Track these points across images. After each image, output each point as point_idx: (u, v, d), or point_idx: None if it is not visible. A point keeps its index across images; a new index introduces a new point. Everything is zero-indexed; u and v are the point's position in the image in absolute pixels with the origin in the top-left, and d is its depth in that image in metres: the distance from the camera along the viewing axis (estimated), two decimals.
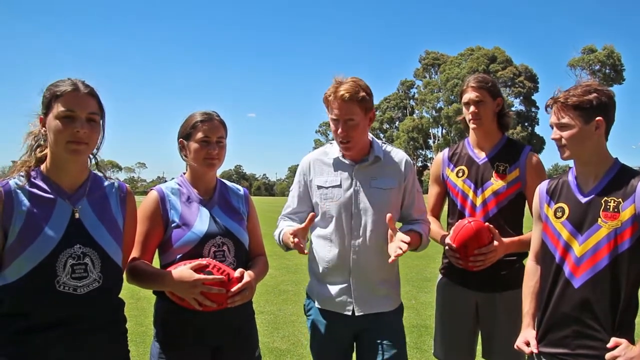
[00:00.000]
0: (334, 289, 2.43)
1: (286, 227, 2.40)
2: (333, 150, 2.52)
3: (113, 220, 1.90)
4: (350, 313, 2.41)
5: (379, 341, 2.38)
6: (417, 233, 2.42)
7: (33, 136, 1.84)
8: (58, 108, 1.73)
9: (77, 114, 1.74)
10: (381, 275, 2.44)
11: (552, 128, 2.08)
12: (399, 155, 2.53)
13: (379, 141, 2.53)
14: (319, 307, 2.49)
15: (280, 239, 2.44)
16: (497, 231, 2.48)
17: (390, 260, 2.18)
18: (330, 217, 2.43)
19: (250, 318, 2.34)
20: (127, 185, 2.06)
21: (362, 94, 2.30)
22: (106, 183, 1.95)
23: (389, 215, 2.25)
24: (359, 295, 2.40)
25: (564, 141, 2.03)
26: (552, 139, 2.08)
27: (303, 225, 2.26)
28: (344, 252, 2.40)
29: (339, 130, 2.32)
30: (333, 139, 2.54)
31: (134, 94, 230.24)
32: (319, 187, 2.48)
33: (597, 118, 1.97)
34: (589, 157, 2.04)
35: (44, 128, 1.78)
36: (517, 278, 2.63)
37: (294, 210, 2.57)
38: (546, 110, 2.12)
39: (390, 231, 2.28)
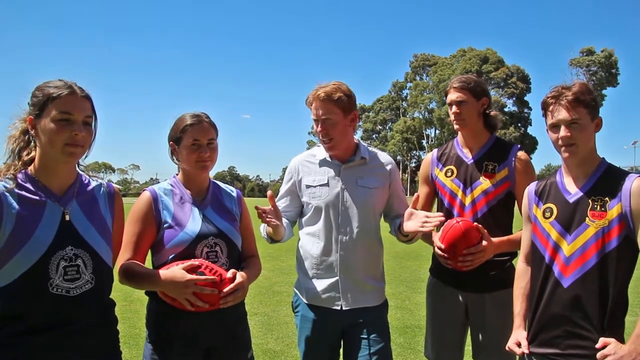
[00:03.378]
0: (322, 285, 2.51)
1: None
2: (320, 152, 2.64)
3: (102, 221, 1.89)
4: (338, 308, 2.48)
5: (365, 336, 2.47)
6: None
7: (13, 139, 1.81)
8: (55, 111, 1.71)
9: (74, 117, 1.73)
10: (367, 271, 2.54)
11: (553, 128, 2.02)
12: (384, 158, 2.67)
13: (365, 144, 2.66)
14: (307, 302, 2.56)
15: (265, 229, 2.52)
16: (485, 231, 2.49)
17: (427, 228, 2.30)
18: (318, 215, 2.53)
19: (243, 319, 2.34)
20: (114, 185, 2.05)
21: (339, 94, 2.44)
22: (94, 184, 1.94)
23: (415, 195, 2.46)
24: (346, 291, 2.49)
25: (575, 139, 1.97)
26: (562, 137, 1.98)
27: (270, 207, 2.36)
28: (332, 249, 2.49)
29: (319, 128, 2.48)
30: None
31: (127, 95, 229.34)
32: (308, 187, 2.58)
33: (599, 116, 2.01)
34: (586, 156, 2.04)
35: (33, 130, 1.76)
36: (506, 278, 2.64)
37: (282, 210, 2.62)
38: (547, 107, 2.04)
39: (408, 211, 2.42)
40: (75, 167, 1.90)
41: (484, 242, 2.47)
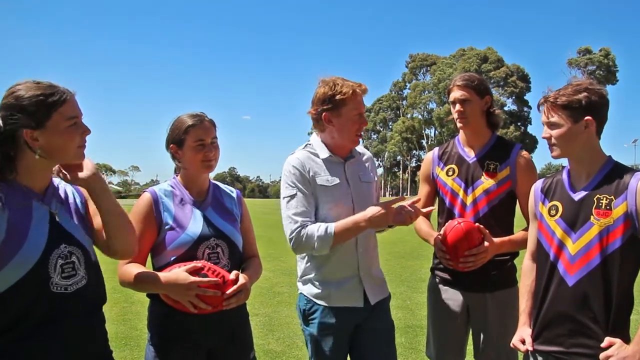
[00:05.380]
0: (345, 285, 2.44)
1: (330, 223, 2.33)
2: (320, 150, 2.50)
3: (81, 215, 1.87)
4: (362, 305, 2.45)
5: (378, 329, 2.49)
6: None
7: None
8: (63, 117, 1.66)
9: (79, 118, 1.73)
10: (377, 264, 2.59)
11: (544, 127, 2.10)
12: (366, 152, 2.69)
13: None
14: (330, 305, 2.43)
15: (331, 232, 2.29)
16: (487, 231, 2.48)
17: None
18: (335, 215, 2.39)
19: (245, 320, 2.33)
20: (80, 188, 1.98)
21: None
22: (63, 185, 1.89)
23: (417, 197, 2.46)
24: (368, 286, 2.48)
25: (553, 140, 2.04)
26: (543, 137, 2.10)
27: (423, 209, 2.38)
28: (351, 247, 2.44)
29: (364, 122, 2.46)
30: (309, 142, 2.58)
31: (126, 96, 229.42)
32: (322, 187, 2.41)
33: (586, 117, 1.98)
34: (580, 156, 2.04)
35: (34, 141, 1.64)
36: (508, 278, 2.65)
37: (309, 212, 2.39)
38: (538, 109, 2.13)
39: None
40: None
41: (486, 243, 2.45)
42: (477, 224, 2.50)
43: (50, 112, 1.64)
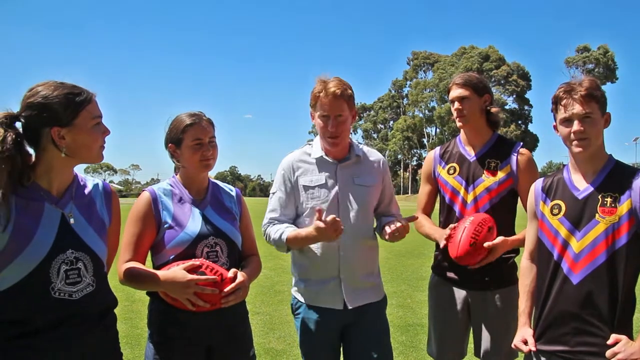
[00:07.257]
0: (324, 285, 2.48)
1: (287, 228, 2.42)
2: (314, 150, 2.57)
3: (100, 222, 1.86)
4: (341, 307, 2.45)
5: (366, 333, 2.47)
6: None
7: None
8: (89, 116, 1.71)
9: (101, 119, 1.77)
10: (366, 268, 2.53)
11: (565, 122, 1.99)
12: (375, 155, 2.66)
13: (356, 142, 2.63)
14: (309, 304, 2.52)
15: (284, 238, 2.39)
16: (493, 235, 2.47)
17: (387, 234, 2.37)
18: (311, 215, 2.44)
19: (244, 318, 2.33)
20: (111, 185, 2.03)
21: (349, 91, 2.43)
22: (90, 184, 1.90)
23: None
24: (348, 290, 2.46)
25: (587, 133, 1.94)
26: (574, 131, 1.95)
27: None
28: (332, 249, 2.45)
29: (330, 126, 2.41)
30: (312, 140, 2.64)
31: (127, 96, 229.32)
32: (305, 187, 2.51)
33: (608, 112, 2.00)
34: (595, 152, 2.01)
35: (61, 140, 1.67)
36: (509, 276, 2.65)
37: (282, 213, 2.53)
38: (559, 101, 2.00)
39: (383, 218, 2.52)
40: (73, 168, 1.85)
41: (499, 238, 2.45)
42: (478, 225, 2.45)
43: (78, 111, 1.69)
